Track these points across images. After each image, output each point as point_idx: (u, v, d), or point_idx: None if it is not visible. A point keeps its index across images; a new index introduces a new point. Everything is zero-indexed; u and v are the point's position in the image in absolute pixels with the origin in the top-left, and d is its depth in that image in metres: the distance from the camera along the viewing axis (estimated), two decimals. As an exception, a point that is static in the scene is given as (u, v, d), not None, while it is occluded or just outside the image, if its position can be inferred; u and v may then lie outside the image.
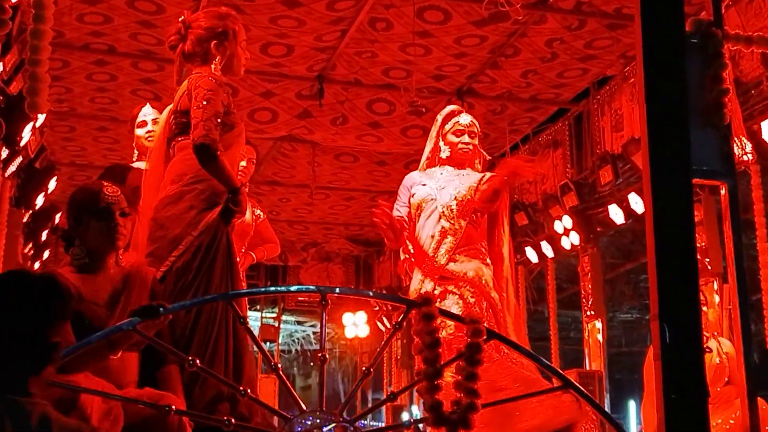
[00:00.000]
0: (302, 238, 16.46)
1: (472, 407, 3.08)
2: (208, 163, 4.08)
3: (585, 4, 8.90)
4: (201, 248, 4.04)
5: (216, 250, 4.09)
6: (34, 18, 3.77)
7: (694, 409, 3.14)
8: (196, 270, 4.02)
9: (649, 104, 3.41)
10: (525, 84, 10.65)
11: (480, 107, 10.85)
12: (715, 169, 3.55)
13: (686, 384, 3.11)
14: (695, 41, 3.64)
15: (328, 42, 9.65)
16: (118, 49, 9.72)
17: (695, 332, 3.21)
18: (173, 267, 4.01)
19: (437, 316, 3.21)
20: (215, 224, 4.10)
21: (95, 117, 11.22)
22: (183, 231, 4.05)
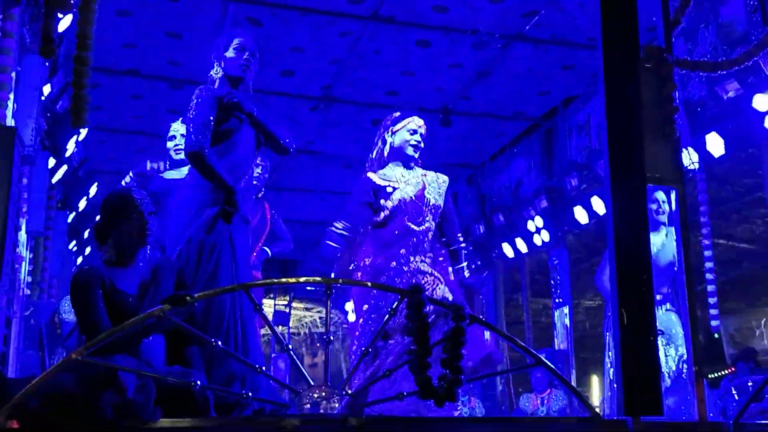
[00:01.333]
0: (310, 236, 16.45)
1: (457, 382, 3.09)
2: (199, 169, 4.06)
3: (555, 34, 8.91)
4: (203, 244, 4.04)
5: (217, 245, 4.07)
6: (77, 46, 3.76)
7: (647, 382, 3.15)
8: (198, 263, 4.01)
9: (610, 120, 3.42)
10: (502, 103, 10.65)
11: (464, 122, 10.86)
12: (666, 176, 3.56)
13: (641, 360, 3.12)
14: (649, 66, 3.65)
15: (333, 66, 9.67)
16: (153, 73, 9.73)
17: (649, 316, 3.22)
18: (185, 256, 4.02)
19: (426, 303, 3.21)
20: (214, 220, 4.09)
21: (131, 131, 11.22)
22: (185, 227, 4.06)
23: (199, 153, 4.02)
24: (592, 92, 10.21)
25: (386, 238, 5.19)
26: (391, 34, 8.90)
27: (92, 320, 3.29)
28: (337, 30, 8.85)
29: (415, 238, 5.19)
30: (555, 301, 11.75)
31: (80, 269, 3.49)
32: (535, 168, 11.72)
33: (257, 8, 8.42)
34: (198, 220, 4.06)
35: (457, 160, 12.45)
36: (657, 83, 3.63)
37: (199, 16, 8.53)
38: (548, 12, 8.49)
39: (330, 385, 3.15)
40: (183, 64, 9.35)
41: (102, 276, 3.40)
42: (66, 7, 3.49)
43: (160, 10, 8.43)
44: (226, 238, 4.11)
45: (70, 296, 3.43)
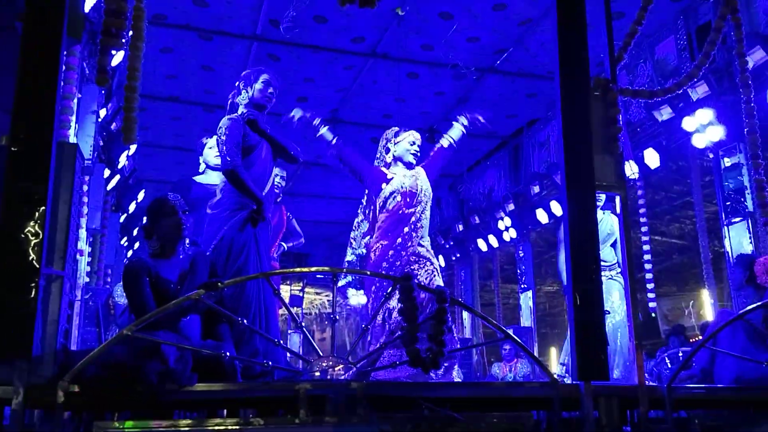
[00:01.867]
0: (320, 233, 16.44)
1: (440, 353, 3.09)
2: (234, 184, 4.08)
3: (521, 69, 8.92)
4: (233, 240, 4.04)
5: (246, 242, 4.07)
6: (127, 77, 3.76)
7: (597, 355, 3.14)
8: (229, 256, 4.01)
9: (565, 138, 3.42)
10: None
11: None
12: (612, 184, 3.56)
13: (591, 336, 3.12)
14: (597, 94, 3.65)
15: (339, 94, 9.66)
16: (191, 99, 9.74)
17: (598, 299, 3.22)
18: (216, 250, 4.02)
19: (415, 288, 3.21)
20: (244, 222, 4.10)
21: (172, 147, 11.21)
22: (219, 227, 4.07)
23: (233, 171, 4.04)
24: (551, 116, 10.22)
25: (388, 224, 5.12)
26: (386, 67, 8.92)
27: (140, 302, 3.28)
28: (343, 64, 8.86)
29: (411, 223, 5.10)
30: (521, 287, 11.75)
31: (130, 261, 3.50)
32: (505, 177, 11.71)
33: (276, 47, 8.43)
34: (231, 221, 4.07)
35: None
36: (604, 108, 3.63)
37: (228, 53, 8.53)
38: (515, 50, 8.50)
39: (335, 355, 3.15)
40: (215, 92, 9.34)
41: (148, 266, 3.40)
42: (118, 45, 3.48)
43: (197, 47, 8.43)
44: (252, 236, 4.11)
45: (122, 283, 3.43)
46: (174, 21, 7.93)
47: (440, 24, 7.92)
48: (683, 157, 9.02)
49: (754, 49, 6.75)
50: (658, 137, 8.49)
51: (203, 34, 8.19)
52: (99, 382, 2.81)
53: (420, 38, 8.21)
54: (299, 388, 2.89)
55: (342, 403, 2.88)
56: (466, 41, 8.26)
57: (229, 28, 8.08)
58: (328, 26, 8.00)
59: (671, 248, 13.95)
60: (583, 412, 3.07)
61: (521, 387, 3.62)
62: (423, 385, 3.45)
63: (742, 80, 4.53)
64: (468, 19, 7.82)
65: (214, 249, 4.02)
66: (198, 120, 10.24)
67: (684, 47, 7.99)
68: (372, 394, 2.94)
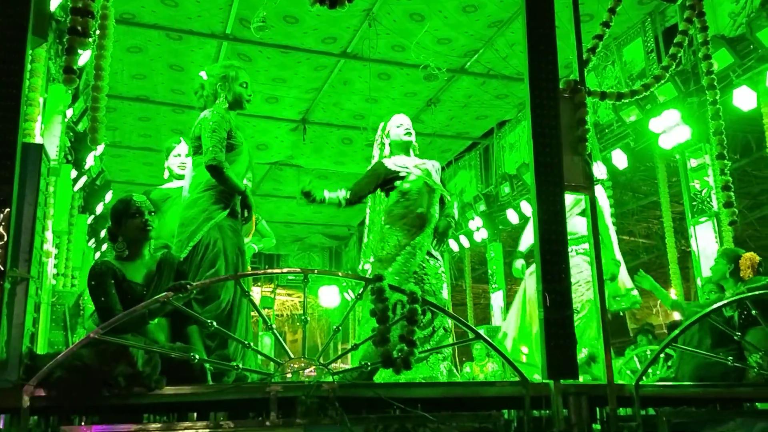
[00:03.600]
0: (291, 235, 16.39)
1: (412, 353, 3.09)
2: (218, 178, 4.02)
3: (490, 69, 8.97)
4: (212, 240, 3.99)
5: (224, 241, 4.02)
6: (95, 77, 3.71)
7: (566, 354, 3.17)
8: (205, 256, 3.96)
9: (535, 139, 3.45)
10: (448, 125, 10.70)
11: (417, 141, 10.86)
12: (580, 184, 3.59)
13: (560, 334, 3.14)
14: (566, 95, 3.67)
15: (310, 94, 9.64)
16: (158, 99, 9.63)
17: (567, 299, 3.25)
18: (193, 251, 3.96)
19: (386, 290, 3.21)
20: (223, 222, 4.04)
21: (140, 148, 11.09)
22: (198, 227, 4.00)
23: (218, 166, 3.97)
24: (521, 117, 10.31)
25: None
26: (357, 68, 8.91)
27: (106, 305, 3.24)
28: (314, 65, 8.84)
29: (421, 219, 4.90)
30: (491, 287, 11.82)
31: (96, 264, 3.44)
32: (475, 178, 11.79)
33: (246, 46, 8.38)
34: (209, 222, 4.01)
35: (411, 172, 12.47)
36: (573, 109, 3.66)
37: (198, 53, 8.46)
38: (485, 52, 8.56)
39: (306, 357, 3.14)
40: (184, 92, 9.26)
41: (114, 269, 3.35)
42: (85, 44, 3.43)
43: (165, 47, 8.35)
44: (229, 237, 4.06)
45: (87, 286, 3.38)
46: (142, 20, 7.84)
47: (411, 25, 7.94)
48: (650, 159, 9.16)
49: (719, 52, 6.88)
50: (626, 138, 8.60)
51: (172, 34, 8.12)
52: (66, 386, 2.77)
53: (391, 39, 8.22)
54: (270, 390, 2.87)
55: (313, 404, 2.87)
56: (437, 42, 8.30)
57: (198, 27, 8.02)
58: (299, 26, 7.98)
59: (639, 248, 14.15)
60: (553, 410, 3.10)
61: (492, 386, 3.64)
62: (394, 386, 3.45)
63: (707, 82, 4.60)
64: (439, 20, 7.86)
65: (191, 251, 3.95)
66: (167, 120, 10.14)
67: (651, 49, 8.11)
68: (343, 396, 2.93)
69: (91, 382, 2.78)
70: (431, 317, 4.49)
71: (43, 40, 3.25)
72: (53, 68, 6.75)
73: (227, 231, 4.04)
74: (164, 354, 3.00)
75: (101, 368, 2.78)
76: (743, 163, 9.54)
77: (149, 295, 3.26)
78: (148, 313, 3.17)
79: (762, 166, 9.41)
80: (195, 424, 2.84)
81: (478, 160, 11.78)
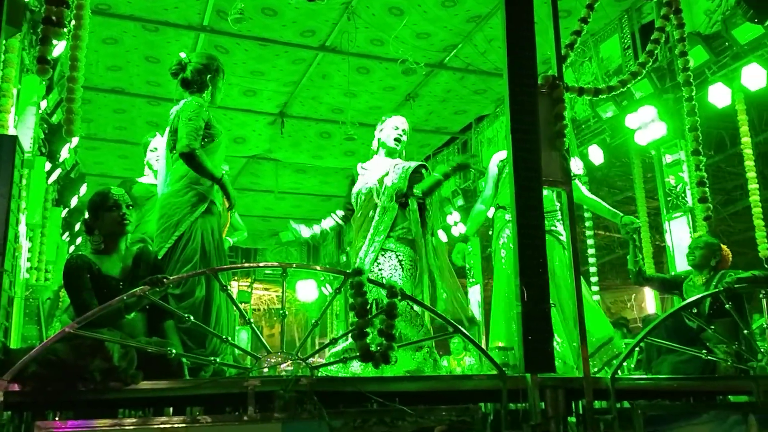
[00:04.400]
0: (268, 229, 16.33)
1: (390, 348, 3.10)
2: (192, 165, 3.97)
3: (469, 64, 8.99)
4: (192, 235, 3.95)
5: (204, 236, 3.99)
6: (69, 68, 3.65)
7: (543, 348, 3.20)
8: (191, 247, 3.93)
9: (514, 134, 3.46)
10: (427, 119, 10.71)
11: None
12: (557, 179, 3.61)
13: (537, 327, 3.17)
14: (544, 90, 3.69)
15: (288, 88, 9.59)
16: (133, 91, 9.52)
17: (544, 294, 3.27)
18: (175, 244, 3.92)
19: (365, 283, 3.21)
20: (204, 216, 4.01)
21: (115, 140, 10.97)
22: (180, 220, 3.96)
23: (191, 153, 3.92)
24: (499, 112, 10.35)
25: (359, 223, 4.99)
26: (336, 62, 8.88)
27: (82, 300, 3.21)
28: (292, 58, 8.79)
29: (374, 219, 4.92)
30: (469, 281, 11.87)
31: (71, 257, 3.40)
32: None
33: (224, 38, 8.31)
34: (190, 216, 3.97)
35: (390, 166, 12.48)
36: (550, 105, 3.68)
37: (174, 45, 8.37)
38: (464, 47, 8.57)
39: (284, 351, 3.13)
40: (160, 84, 9.17)
41: (90, 262, 3.32)
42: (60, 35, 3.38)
43: (141, 39, 8.26)
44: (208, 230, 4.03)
45: (63, 280, 3.34)
46: (118, 10, 7.74)
47: (390, 19, 7.93)
48: (625, 154, 9.24)
49: (695, 49, 6.96)
50: (602, 134, 8.68)
51: (148, 25, 8.02)
52: (40, 381, 2.74)
53: (370, 33, 8.20)
54: (248, 384, 2.86)
55: (291, 399, 2.87)
56: (416, 37, 8.29)
57: (175, 18, 7.93)
58: (277, 19, 7.93)
59: (614, 242, 14.28)
60: (530, 403, 3.12)
61: (470, 380, 3.65)
62: (372, 380, 3.45)
63: (683, 79, 4.65)
64: (418, 14, 7.85)
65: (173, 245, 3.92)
66: (142, 113, 10.04)
67: (628, 46, 8.18)
68: (321, 390, 2.93)
69: (66, 377, 2.75)
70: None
71: (17, 30, 3.20)
72: (27, 59, 6.65)
73: (207, 226, 4.02)
74: (141, 349, 2.97)
75: (76, 363, 2.75)
76: (717, 160, 9.66)
77: (125, 290, 3.23)
78: (125, 308, 3.15)
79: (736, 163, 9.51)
80: (171, 419, 2.81)
81: (456, 154, 11.81)
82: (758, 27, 6.60)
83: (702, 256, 5.01)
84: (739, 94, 7.10)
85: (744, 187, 7.44)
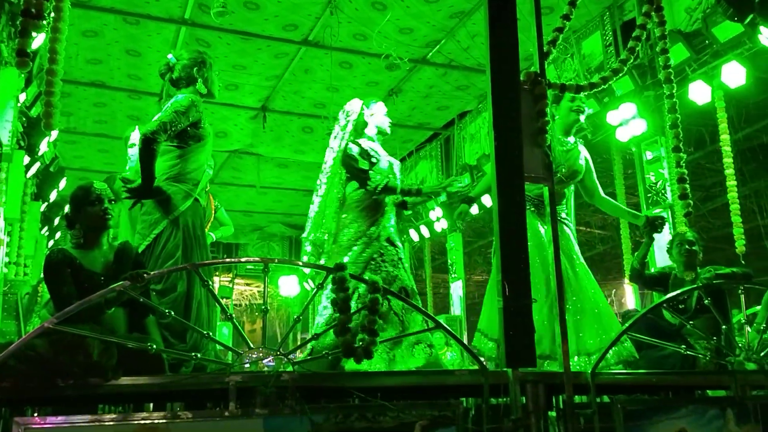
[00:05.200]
0: (250, 223, 16.27)
1: (373, 342, 3.10)
2: (142, 152, 3.82)
3: (452, 60, 9.00)
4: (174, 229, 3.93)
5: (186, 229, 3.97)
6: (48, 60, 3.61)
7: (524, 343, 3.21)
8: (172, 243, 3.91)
9: (496, 130, 3.46)
10: (410, 115, 10.71)
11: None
12: (539, 175, 3.62)
13: (519, 323, 3.18)
14: (527, 87, 3.70)
15: (270, 82, 9.55)
16: (113, 84, 9.44)
17: (525, 288, 3.28)
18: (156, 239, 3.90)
19: (348, 279, 3.20)
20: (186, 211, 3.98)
21: (95, 134, 10.87)
22: (161, 216, 3.93)
23: (151, 139, 3.80)
24: (481, 108, 10.37)
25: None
26: (319, 56, 8.85)
27: (62, 295, 3.18)
28: (274, 52, 8.75)
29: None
30: (451, 276, 11.91)
31: (52, 252, 3.37)
32: (436, 168, 11.83)
33: (206, 32, 8.25)
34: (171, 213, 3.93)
35: (372, 162, 12.48)
36: (533, 101, 3.69)
37: (155, 38, 8.30)
38: (447, 42, 8.58)
39: (266, 347, 3.12)
40: (141, 78, 9.10)
41: (70, 257, 3.29)
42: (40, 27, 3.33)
43: (122, 32, 8.18)
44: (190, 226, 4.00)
45: (43, 275, 3.31)
46: (99, 3, 7.66)
47: (373, 14, 7.91)
48: (606, 150, 9.30)
49: (676, 46, 7.02)
50: (584, 131, 8.71)
51: (129, 18, 7.95)
52: (19, 376, 2.71)
53: (353, 28, 8.18)
54: (229, 380, 2.85)
55: (272, 394, 2.86)
56: (399, 32, 8.29)
57: (156, 11, 7.87)
58: (260, 13, 7.89)
59: (595, 238, 14.39)
60: (511, 398, 3.14)
61: (452, 374, 3.66)
62: (353, 375, 3.45)
63: (664, 76, 4.68)
64: (401, 9, 7.85)
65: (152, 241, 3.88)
66: (123, 106, 9.95)
67: (610, 43, 8.23)
68: (303, 385, 2.92)
69: (46, 373, 2.72)
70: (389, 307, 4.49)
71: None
72: (6, 51, 6.57)
73: (189, 221, 3.99)
74: (121, 344, 2.95)
75: (56, 358, 2.73)
76: (697, 156, 9.75)
77: (107, 285, 3.20)
78: (105, 303, 3.12)
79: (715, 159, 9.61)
80: (151, 415, 2.80)
81: (438, 150, 11.83)
82: (738, 25, 6.67)
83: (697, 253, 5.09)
84: (719, 92, 7.17)
85: (723, 184, 7.51)
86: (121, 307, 3.34)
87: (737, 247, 6.92)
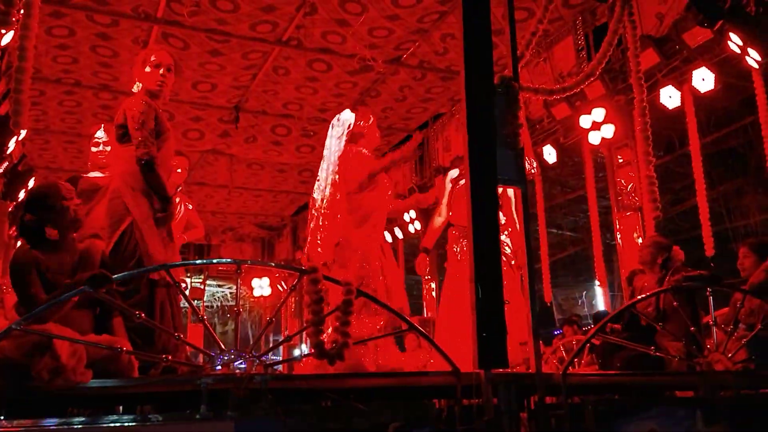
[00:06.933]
0: (222, 224, 16.12)
1: (345, 345, 3.09)
2: (149, 176, 3.90)
3: (426, 62, 9.02)
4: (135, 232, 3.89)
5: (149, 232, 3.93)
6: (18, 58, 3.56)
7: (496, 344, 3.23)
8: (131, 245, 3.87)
9: (470, 133, 3.48)
10: (384, 116, 10.71)
11: (352, 132, 10.84)
12: (512, 178, 3.65)
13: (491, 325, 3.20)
14: (500, 90, 3.73)
15: (243, 82, 9.48)
16: (82, 82, 9.29)
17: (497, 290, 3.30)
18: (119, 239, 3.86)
19: (321, 280, 3.19)
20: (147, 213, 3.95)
21: (64, 133, 10.70)
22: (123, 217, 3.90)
23: (150, 162, 3.85)
24: (455, 111, 10.41)
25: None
26: (294, 56, 8.81)
27: (29, 296, 3.13)
28: (248, 51, 8.69)
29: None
30: (425, 278, 11.93)
31: (18, 253, 3.31)
32: (410, 170, 11.85)
33: (178, 30, 8.17)
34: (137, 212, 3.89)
35: (346, 163, 12.45)
36: (506, 105, 3.72)
37: (126, 36, 8.20)
38: (420, 44, 8.59)
39: (238, 349, 3.10)
40: (112, 76, 8.98)
41: (37, 258, 3.23)
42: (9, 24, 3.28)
43: (92, 29, 8.06)
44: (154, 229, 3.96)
45: (9, 276, 3.25)
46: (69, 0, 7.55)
47: (347, 15, 7.90)
48: (578, 154, 9.40)
49: (646, 51, 7.11)
50: (556, 134, 8.81)
51: (100, 15, 7.84)
52: (-16, 380, 2.66)
53: (328, 28, 8.16)
54: (200, 382, 2.83)
55: (244, 397, 2.84)
56: (374, 33, 8.28)
57: (127, 9, 7.77)
58: (234, 11, 7.83)
59: (565, 240, 14.52)
60: (483, 399, 3.15)
61: (425, 376, 3.67)
62: (326, 377, 3.45)
63: (635, 80, 4.75)
64: (375, 11, 7.84)
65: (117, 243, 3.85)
66: (93, 105, 9.82)
67: (582, 47, 8.31)
68: (275, 388, 2.91)
69: (12, 376, 2.68)
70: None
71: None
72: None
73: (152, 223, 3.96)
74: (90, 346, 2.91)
75: (23, 361, 2.68)
76: (666, 160, 9.90)
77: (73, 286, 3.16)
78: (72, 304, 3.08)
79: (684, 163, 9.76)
80: (121, 418, 2.76)
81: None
82: (708, 31, 6.77)
83: (649, 254, 5.13)
84: (689, 97, 7.28)
85: (691, 187, 7.62)
86: (88, 308, 3.30)
87: (705, 250, 7.03)
